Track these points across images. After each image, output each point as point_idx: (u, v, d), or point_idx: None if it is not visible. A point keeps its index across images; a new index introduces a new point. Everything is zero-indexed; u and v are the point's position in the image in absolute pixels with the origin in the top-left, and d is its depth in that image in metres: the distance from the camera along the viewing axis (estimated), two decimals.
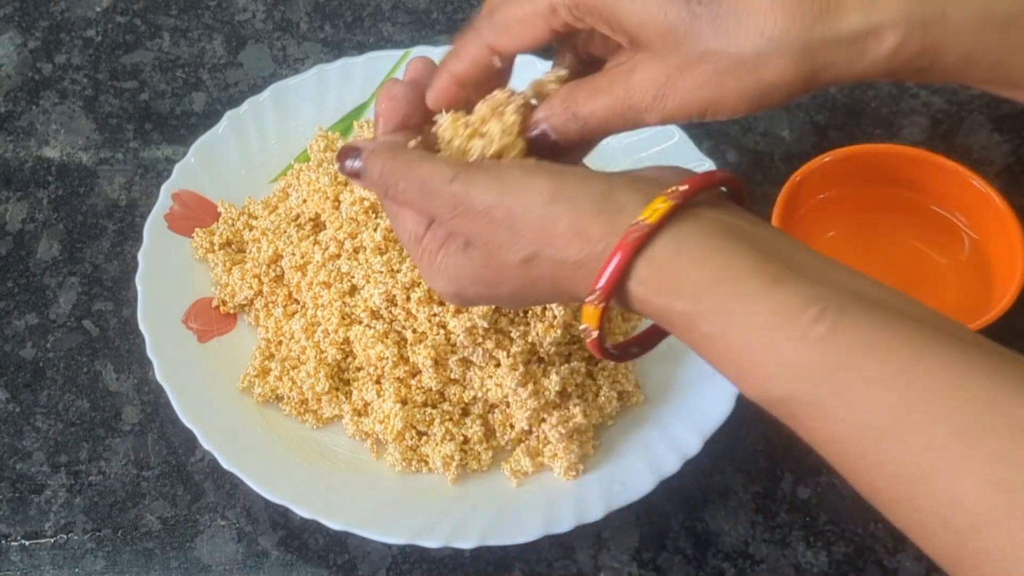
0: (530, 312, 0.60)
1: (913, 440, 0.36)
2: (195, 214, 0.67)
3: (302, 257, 0.63)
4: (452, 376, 0.60)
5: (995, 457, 0.35)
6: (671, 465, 0.58)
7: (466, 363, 0.59)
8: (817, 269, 0.42)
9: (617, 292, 0.43)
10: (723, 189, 0.46)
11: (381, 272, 0.60)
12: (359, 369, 0.61)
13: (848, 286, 0.41)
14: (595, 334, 0.45)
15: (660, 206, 0.42)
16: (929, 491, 0.36)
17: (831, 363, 0.38)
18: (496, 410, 0.60)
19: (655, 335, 0.50)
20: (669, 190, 0.43)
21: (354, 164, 0.48)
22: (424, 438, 0.60)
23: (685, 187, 0.43)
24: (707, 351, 0.42)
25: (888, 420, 0.37)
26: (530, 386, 0.58)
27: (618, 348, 0.49)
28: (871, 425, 0.37)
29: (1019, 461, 0.34)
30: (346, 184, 0.65)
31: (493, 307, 0.59)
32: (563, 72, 0.50)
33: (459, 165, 0.46)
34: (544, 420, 0.59)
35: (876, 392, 0.37)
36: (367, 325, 0.60)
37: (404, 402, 0.59)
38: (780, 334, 0.39)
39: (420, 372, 0.59)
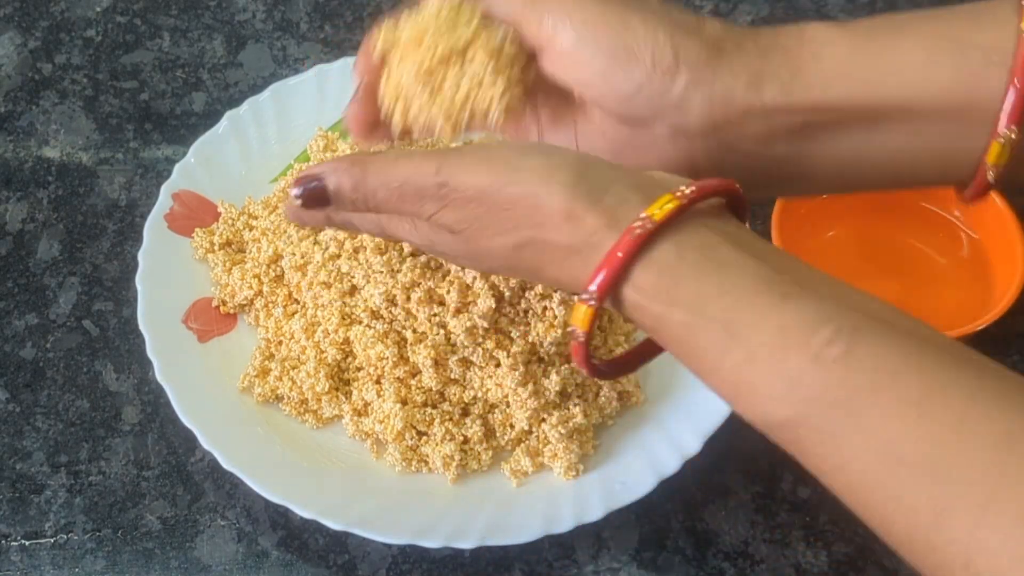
0: (530, 312, 0.60)
1: (935, 475, 0.35)
2: (195, 214, 0.67)
3: (302, 257, 0.63)
4: (452, 376, 0.60)
5: (1022, 499, 0.33)
6: (671, 465, 0.58)
7: (466, 363, 0.59)
8: (825, 286, 0.40)
9: (612, 293, 0.41)
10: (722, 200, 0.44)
11: (381, 272, 0.60)
12: (359, 369, 0.61)
13: (858, 305, 0.39)
14: (582, 337, 0.42)
15: (667, 205, 0.40)
16: (950, 530, 0.34)
17: (848, 387, 0.36)
18: (496, 410, 0.60)
19: (642, 354, 0.48)
20: (675, 191, 0.41)
21: (316, 187, 0.45)
22: (424, 438, 0.60)
23: (692, 189, 0.41)
24: (701, 366, 0.40)
25: (909, 451, 0.35)
26: (530, 386, 0.58)
27: (607, 364, 0.47)
28: (890, 455, 0.35)
29: None
30: None
31: (493, 307, 0.59)
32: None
33: (443, 154, 0.44)
34: (544, 420, 0.59)
35: (897, 421, 0.36)
36: (367, 325, 0.60)
37: (404, 402, 0.59)
38: (791, 353, 0.37)
39: (420, 372, 0.59)
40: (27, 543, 0.59)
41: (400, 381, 0.59)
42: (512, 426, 0.59)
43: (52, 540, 0.59)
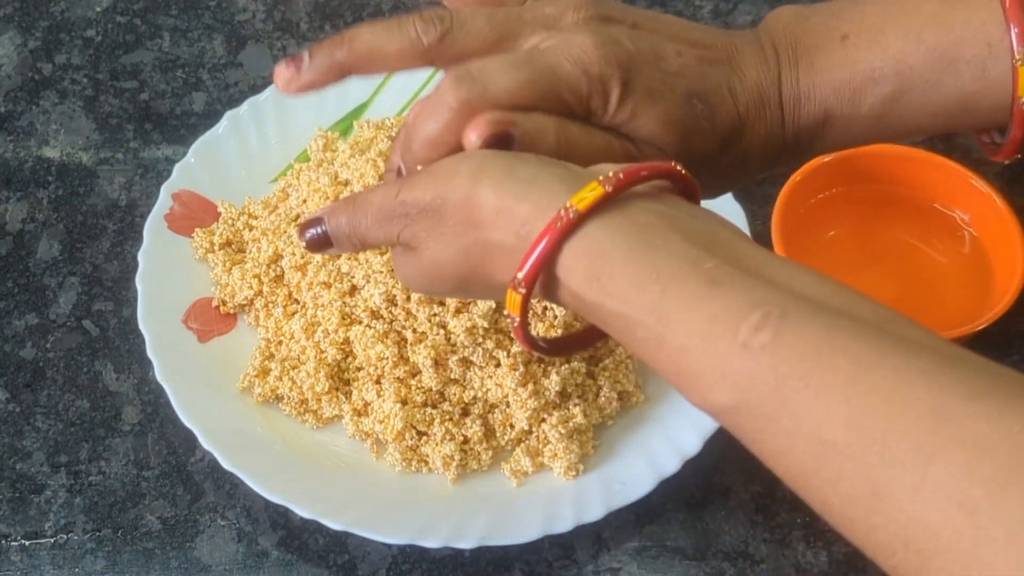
0: (531, 312, 0.60)
1: (868, 456, 0.35)
2: (195, 214, 0.67)
3: (302, 257, 0.63)
4: (452, 376, 0.60)
5: (956, 475, 0.33)
6: (671, 465, 0.58)
7: (466, 363, 0.59)
8: (758, 264, 0.40)
9: (544, 282, 0.42)
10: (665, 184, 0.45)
11: (381, 272, 0.60)
12: (359, 369, 0.61)
13: (790, 284, 0.39)
14: (517, 321, 0.43)
15: (590, 193, 0.41)
16: (887, 510, 0.35)
17: (778, 373, 0.37)
18: (496, 410, 0.60)
19: (594, 335, 0.48)
20: (602, 177, 0.41)
21: (318, 231, 0.48)
22: (424, 438, 0.60)
23: (620, 176, 0.41)
24: (643, 354, 0.41)
25: (840, 435, 0.35)
26: (530, 386, 0.58)
27: (549, 342, 0.48)
28: (823, 440, 0.36)
29: (982, 479, 0.33)
30: (346, 185, 0.65)
31: (494, 307, 0.59)
32: None
33: (402, 179, 0.46)
34: (544, 420, 0.59)
35: (826, 405, 0.36)
36: (367, 325, 0.60)
37: (404, 402, 0.59)
38: (721, 343, 0.38)
39: (420, 372, 0.59)
40: (27, 543, 0.59)
41: (400, 381, 0.59)
42: (512, 426, 0.59)
43: (52, 540, 0.59)
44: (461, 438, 0.59)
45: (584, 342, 0.49)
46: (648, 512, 0.59)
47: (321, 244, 0.48)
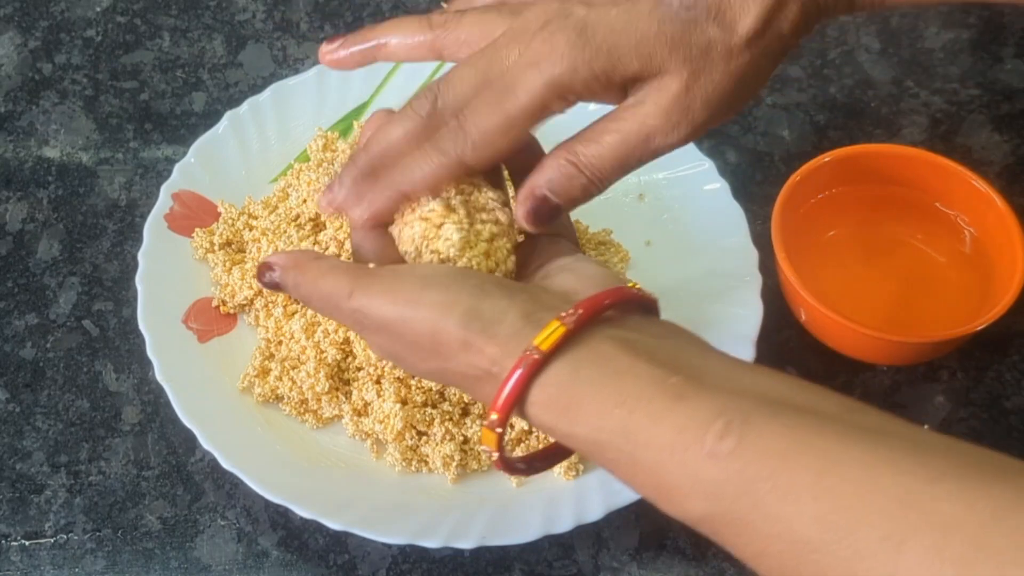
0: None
1: (841, 551, 0.35)
2: (195, 214, 0.67)
3: None
4: None
5: (927, 559, 0.34)
6: None
7: None
8: (721, 375, 0.41)
9: (520, 411, 0.43)
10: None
11: None
12: (359, 369, 0.61)
13: (754, 388, 0.40)
14: (495, 456, 0.45)
15: (552, 333, 0.42)
16: None
17: (745, 477, 0.37)
18: None
19: (560, 453, 0.50)
20: (563, 314, 0.42)
21: (273, 277, 0.49)
22: (424, 438, 0.60)
23: (580, 311, 0.43)
24: (624, 476, 0.42)
25: (813, 532, 0.36)
26: None
27: (525, 461, 0.49)
28: (797, 539, 0.36)
29: (951, 559, 0.33)
30: None
31: None
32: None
33: (357, 278, 0.46)
34: None
35: (795, 503, 0.36)
36: None
37: (404, 402, 0.59)
38: (689, 453, 0.38)
39: None
40: (27, 543, 0.59)
41: (400, 381, 0.59)
42: (512, 426, 0.59)
43: (52, 540, 0.59)
44: (461, 438, 0.59)
45: (560, 456, 0.51)
46: (648, 512, 0.59)
47: (276, 287, 0.49)
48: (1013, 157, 0.74)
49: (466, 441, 0.60)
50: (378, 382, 0.60)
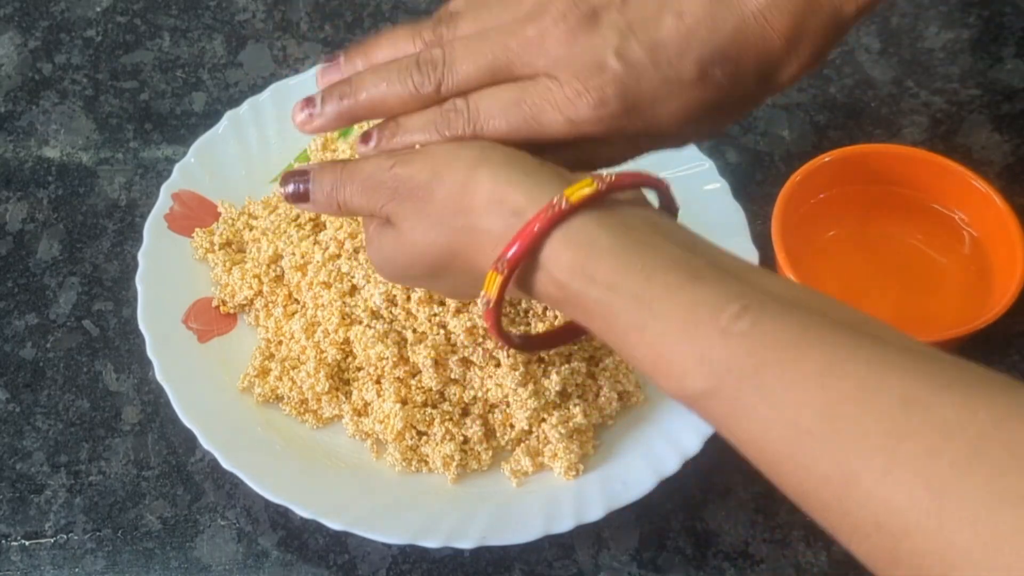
0: (531, 312, 0.60)
1: (840, 442, 0.36)
2: (195, 214, 0.67)
3: (302, 257, 0.63)
4: (452, 376, 0.60)
5: (923, 458, 0.34)
6: (671, 465, 0.58)
7: (466, 363, 0.59)
8: (737, 269, 0.42)
9: (527, 269, 0.43)
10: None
11: None
12: (359, 369, 0.61)
13: (768, 287, 0.41)
14: (492, 303, 0.45)
15: (585, 189, 0.43)
16: (859, 494, 0.35)
17: (754, 360, 0.38)
18: (496, 410, 0.60)
19: (568, 333, 0.50)
20: (595, 176, 0.43)
21: (300, 187, 0.50)
22: (424, 438, 0.60)
23: (612, 177, 0.44)
24: (622, 343, 0.42)
25: (815, 421, 0.36)
26: (530, 386, 0.58)
27: (523, 338, 0.49)
28: (798, 426, 0.37)
29: (948, 461, 0.34)
30: None
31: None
32: None
33: (398, 153, 0.48)
34: (544, 420, 0.59)
35: (801, 392, 0.37)
36: (367, 325, 0.60)
37: (404, 402, 0.59)
38: (701, 328, 0.39)
39: (420, 372, 0.59)
40: (27, 543, 0.59)
41: (400, 381, 0.59)
42: (512, 426, 0.59)
43: (52, 540, 0.59)
44: (461, 438, 0.59)
45: (558, 340, 0.51)
46: (648, 512, 0.59)
47: (299, 198, 0.50)
48: (1013, 157, 0.74)
49: (466, 441, 0.60)
50: (378, 382, 0.60)
